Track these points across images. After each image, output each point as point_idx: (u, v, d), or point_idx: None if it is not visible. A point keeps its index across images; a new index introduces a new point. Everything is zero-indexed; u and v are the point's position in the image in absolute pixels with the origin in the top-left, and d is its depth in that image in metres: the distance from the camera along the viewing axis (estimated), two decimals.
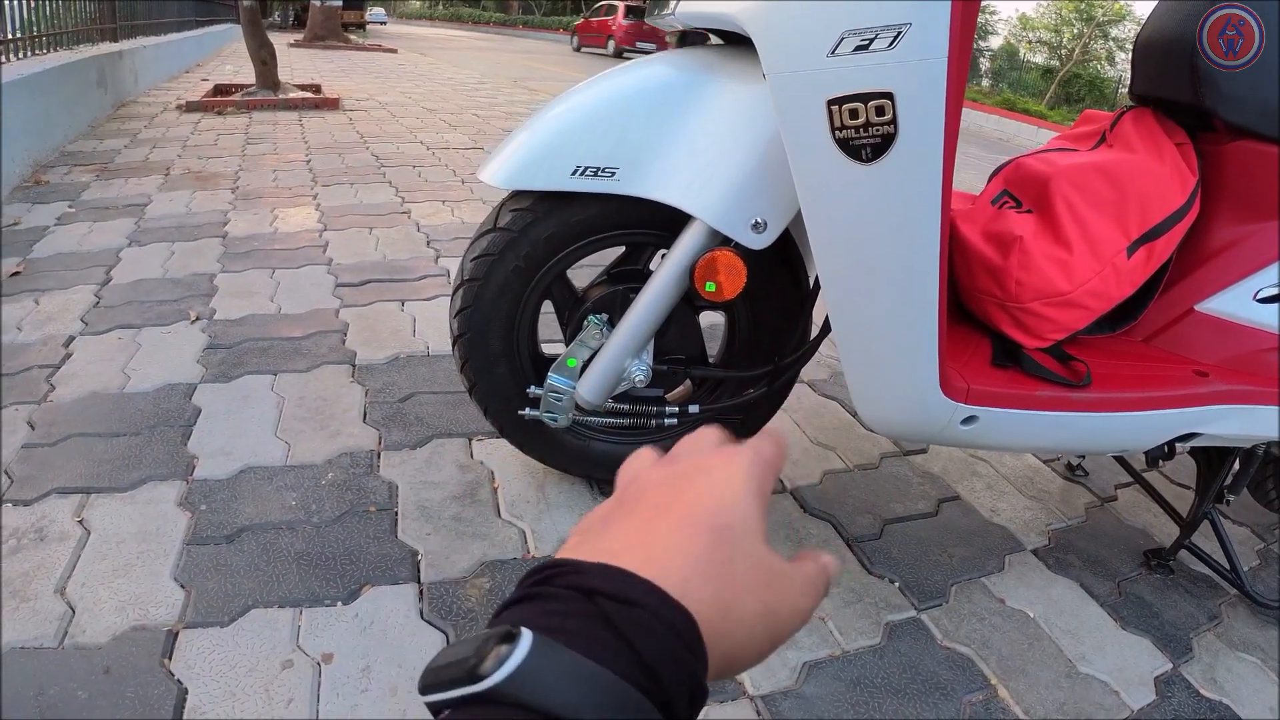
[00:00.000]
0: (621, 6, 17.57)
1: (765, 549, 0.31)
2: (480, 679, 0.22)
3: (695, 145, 1.13)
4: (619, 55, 17.11)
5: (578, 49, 20.04)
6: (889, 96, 0.90)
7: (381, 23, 27.30)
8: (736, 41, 1.21)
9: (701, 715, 1.07)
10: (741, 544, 0.30)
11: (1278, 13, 1.13)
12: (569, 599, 0.25)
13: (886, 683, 1.18)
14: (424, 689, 0.23)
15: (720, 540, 0.29)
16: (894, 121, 0.91)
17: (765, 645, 0.29)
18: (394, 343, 2.14)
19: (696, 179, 1.13)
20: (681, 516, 0.30)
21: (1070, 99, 21.30)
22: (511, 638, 0.23)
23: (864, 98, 0.90)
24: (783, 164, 1.03)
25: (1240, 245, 1.23)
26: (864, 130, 0.92)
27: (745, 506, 0.31)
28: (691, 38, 1.38)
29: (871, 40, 0.88)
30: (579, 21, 20.41)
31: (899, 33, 0.87)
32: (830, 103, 0.92)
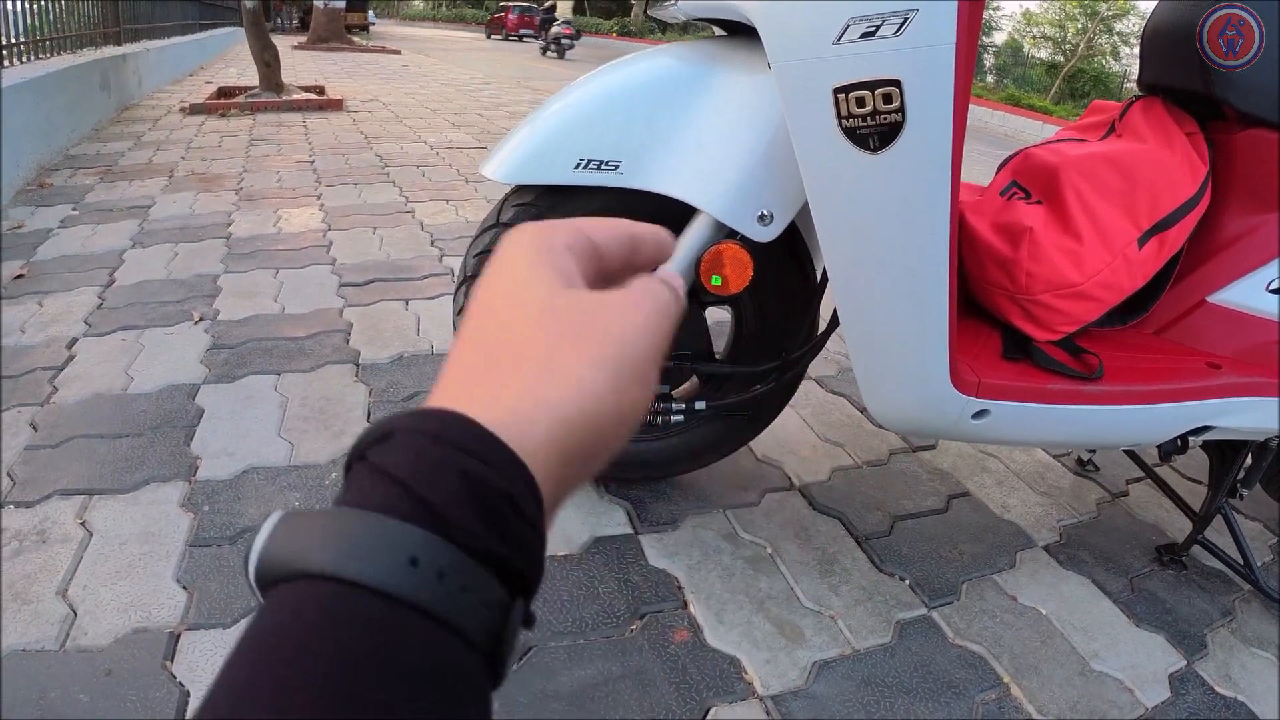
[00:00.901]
0: (511, 6, 24.82)
1: (572, 301, 0.26)
2: (245, 567, 0.21)
3: (699, 137, 1.12)
4: (518, 39, 24.15)
5: (488, 36, 26.54)
6: (896, 84, 0.88)
7: (371, 23, 27.78)
8: (740, 31, 1.20)
9: (708, 718, 1.06)
10: (526, 311, 0.26)
11: (1278, 12, 1.11)
12: (354, 473, 0.22)
13: (898, 682, 1.16)
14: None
15: (497, 323, 0.26)
16: (902, 109, 0.89)
17: (595, 376, 0.24)
18: (398, 342, 2.13)
19: (701, 171, 1.12)
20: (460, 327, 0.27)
21: (1075, 94, 21.23)
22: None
23: (871, 85, 0.89)
24: (788, 155, 1.01)
25: (1252, 235, 1.21)
26: (871, 119, 0.91)
27: (526, 273, 0.27)
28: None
29: (878, 27, 0.86)
30: (489, 18, 28.07)
31: (906, 19, 0.85)
32: (837, 91, 0.91)
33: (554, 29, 15.87)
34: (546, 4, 17.93)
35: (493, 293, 0.27)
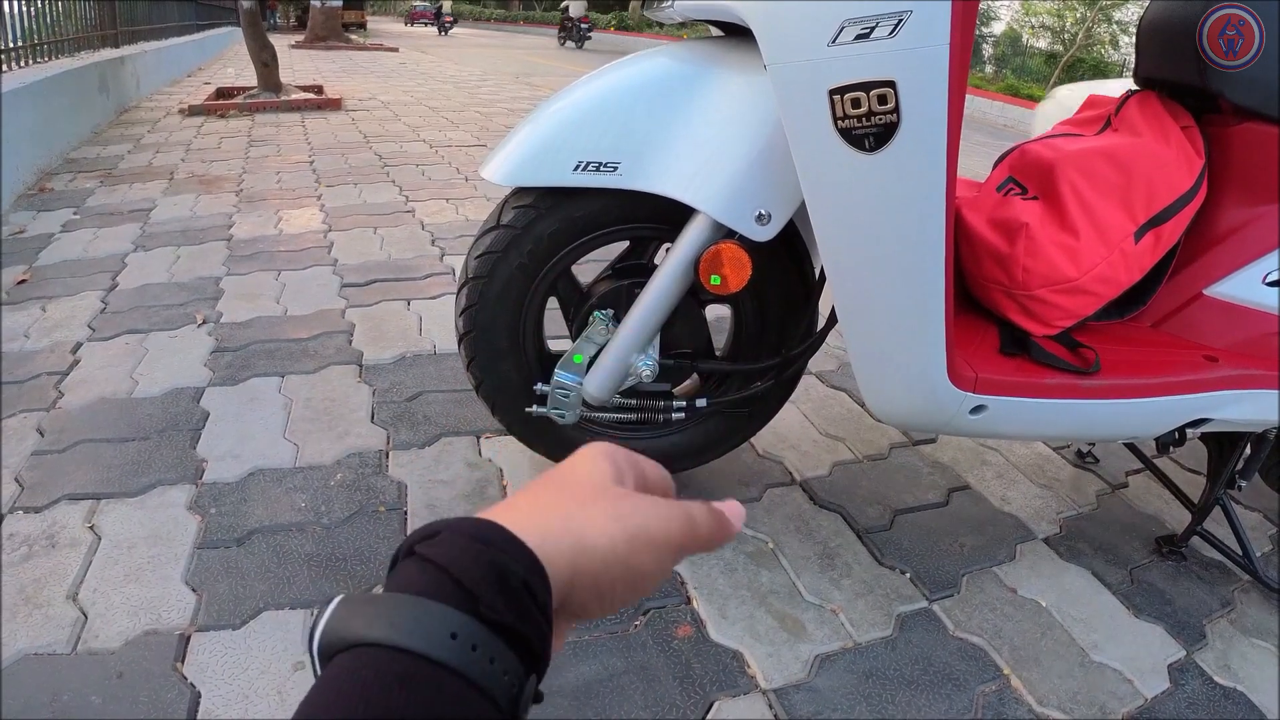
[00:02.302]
0: (416, 5, 34.12)
1: (613, 486, 0.34)
2: (310, 642, 0.25)
3: (697, 138, 1.13)
4: (424, 25, 31.38)
5: (405, 24, 34.30)
6: (891, 85, 0.89)
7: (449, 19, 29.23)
8: (736, 31, 1.20)
9: (712, 712, 1.07)
10: (578, 480, 0.34)
11: (1278, 12, 1.12)
12: (403, 565, 0.27)
13: (899, 674, 1.17)
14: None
15: (553, 482, 0.34)
16: (896, 110, 0.90)
17: (615, 527, 0.30)
18: (401, 342, 2.14)
19: (699, 172, 1.13)
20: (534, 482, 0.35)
21: (1074, 83, 21.09)
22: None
23: (866, 86, 0.90)
24: (785, 155, 1.02)
25: (1249, 228, 1.22)
26: (866, 119, 0.91)
27: (588, 464, 0.35)
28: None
29: (872, 28, 0.87)
30: (409, 12, 35.85)
31: (900, 20, 0.86)
32: (832, 92, 0.91)
33: (442, 17, 24.62)
34: (438, 5, 27.23)
35: (562, 470, 0.35)
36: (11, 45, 4.11)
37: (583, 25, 18.38)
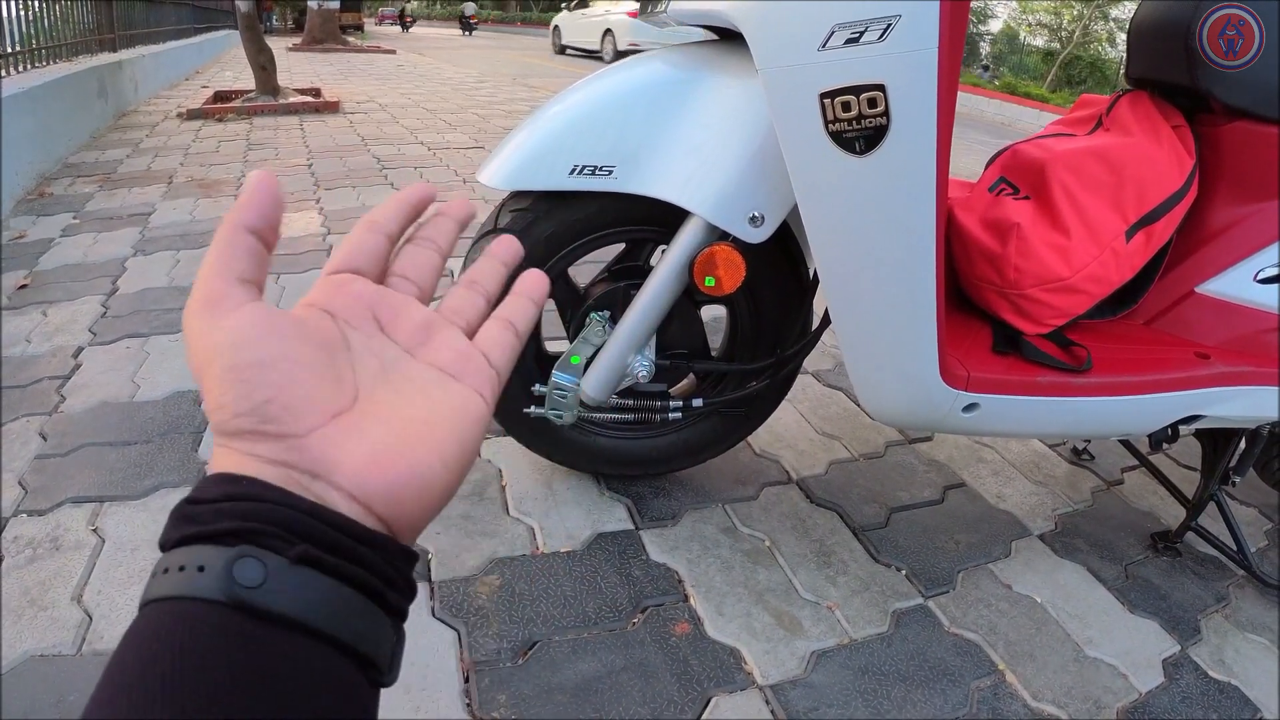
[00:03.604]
0: (384, 9, 38.03)
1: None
2: None
3: (691, 141, 1.14)
4: (391, 24, 34.95)
5: (375, 24, 38.10)
6: (881, 88, 0.90)
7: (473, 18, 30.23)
8: (729, 36, 1.21)
9: (709, 708, 1.08)
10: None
11: (1278, 12, 1.13)
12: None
13: (895, 670, 1.19)
14: None
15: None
16: (886, 113, 0.91)
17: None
18: None
19: (693, 175, 1.14)
20: None
21: (1071, 81, 21.18)
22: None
23: (856, 90, 0.91)
24: (778, 158, 1.03)
25: (1239, 226, 1.23)
26: (857, 123, 0.93)
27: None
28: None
29: (862, 33, 0.88)
30: (379, 13, 40.01)
31: (889, 24, 0.87)
32: (823, 96, 0.93)
33: (405, 17, 30.98)
34: (400, 8, 33.07)
35: None
36: (10, 50, 4.12)
37: (471, 21, 26.37)
